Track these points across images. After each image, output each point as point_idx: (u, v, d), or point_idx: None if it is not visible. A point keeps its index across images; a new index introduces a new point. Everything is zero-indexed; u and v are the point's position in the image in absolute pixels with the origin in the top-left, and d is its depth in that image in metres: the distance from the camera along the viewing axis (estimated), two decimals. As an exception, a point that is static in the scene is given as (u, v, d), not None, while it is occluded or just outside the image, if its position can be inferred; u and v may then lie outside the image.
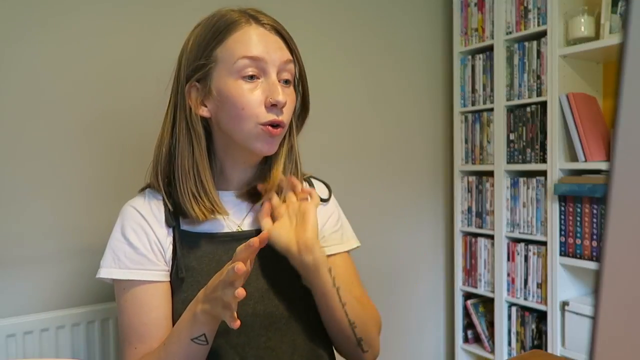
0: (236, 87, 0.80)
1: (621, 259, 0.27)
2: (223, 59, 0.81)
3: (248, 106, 0.80)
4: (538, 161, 1.72)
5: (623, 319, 0.28)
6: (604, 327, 0.28)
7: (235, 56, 0.80)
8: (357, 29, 1.79)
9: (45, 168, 1.19)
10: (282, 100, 0.80)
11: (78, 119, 1.22)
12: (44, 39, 1.18)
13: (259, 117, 0.80)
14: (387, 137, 1.88)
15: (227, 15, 0.83)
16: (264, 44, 0.81)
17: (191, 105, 0.83)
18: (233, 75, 0.80)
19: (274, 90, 0.80)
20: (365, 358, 0.88)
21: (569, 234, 1.64)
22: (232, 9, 0.84)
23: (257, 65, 0.80)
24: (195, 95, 0.84)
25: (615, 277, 0.28)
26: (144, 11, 1.31)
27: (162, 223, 0.85)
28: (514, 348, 1.83)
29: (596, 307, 0.28)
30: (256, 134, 0.81)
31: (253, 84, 0.81)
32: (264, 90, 0.81)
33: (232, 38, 0.81)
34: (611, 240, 0.27)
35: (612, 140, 0.27)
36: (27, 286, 1.17)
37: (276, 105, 0.80)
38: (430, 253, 2.06)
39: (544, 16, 1.68)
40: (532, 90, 1.73)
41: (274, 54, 0.81)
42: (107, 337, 1.20)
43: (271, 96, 0.80)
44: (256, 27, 0.82)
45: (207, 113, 0.84)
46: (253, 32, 0.81)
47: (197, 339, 0.73)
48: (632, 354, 0.28)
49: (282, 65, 0.82)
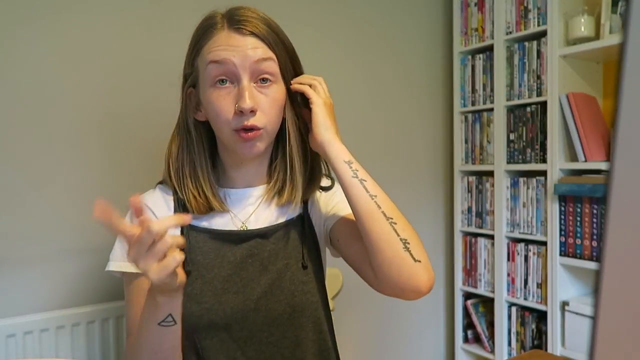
0: (210, 94, 0.83)
1: (621, 259, 0.27)
2: (201, 67, 0.84)
3: (221, 113, 0.82)
4: (538, 161, 1.72)
5: (623, 319, 0.28)
6: (604, 327, 0.28)
7: (206, 63, 0.82)
8: (357, 29, 1.79)
9: (45, 168, 1.19)
10: (246, 107, 0.79)
11: (81, 119, 1.22)
12: (48, 39, 1.18)
13: (231, 123, 0.82)
14: (387, 137, 1.88)
15: (208, 21, 0.84)
16: (233, 46, 0.81)
17: (189, 109, 0.87)
18: (208, 82, 0.82)
19: (240, 97, 0.80)
20: (419, 275, 0.76)
21: (569, 234, 1.64)
22: (217, 11, 0.85)
23: (225, 70, 0.81)
24: (192, 100, 0.88)
25: (615, 277, 0.28)
26: (150, 13, 1.31)
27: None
28: (514, 348, 1.83)
29: (596, 307, 0.28)
30: (233, 139, 0.83)
31: (225, 89, 0.82)
32: (235, 96, 0.81)
33: (207, 45, 0.83)
34: (611, 240, 0.27)
35: (612, 140, 0.27)
36: (27, 286, 1.17)
37: (243, 112, 0.80)
38: (430, 253, 2.04)
39: (544, 16, 1.68)
40: (532, 90, 1.73)
41: (243, 57, 0.80)
42: (107, 337, 1.20)
43: (238, 103, 0.80)
44: (228, 30, 0.82)
45: (202, 117, 0.88)
46: (223, 36, 0.82)
47: (164, 322, 0.72)
48: (632, 354, 0.28)
49: (255, 65, 0.81)
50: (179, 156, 0.87)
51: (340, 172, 0.82)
